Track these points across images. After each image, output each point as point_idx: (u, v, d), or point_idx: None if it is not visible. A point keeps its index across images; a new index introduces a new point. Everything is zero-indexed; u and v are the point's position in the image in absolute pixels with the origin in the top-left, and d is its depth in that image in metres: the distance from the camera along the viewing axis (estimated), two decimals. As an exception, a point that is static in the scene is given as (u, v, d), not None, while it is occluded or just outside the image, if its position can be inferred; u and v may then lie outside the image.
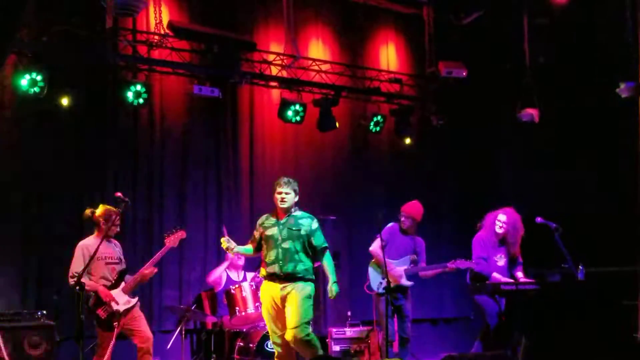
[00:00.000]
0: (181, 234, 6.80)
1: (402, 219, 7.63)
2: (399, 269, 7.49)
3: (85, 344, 5.92)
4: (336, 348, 8.16)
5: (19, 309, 6.92)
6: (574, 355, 6.51)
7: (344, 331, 8.26)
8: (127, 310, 6.32)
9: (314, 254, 6.19)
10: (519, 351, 6.84)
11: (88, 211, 6.47)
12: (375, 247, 7.43)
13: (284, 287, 6.04)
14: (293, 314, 5.97)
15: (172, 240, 6.73)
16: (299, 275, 6.05)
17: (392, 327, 7.37)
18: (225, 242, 6.12)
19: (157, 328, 7.94)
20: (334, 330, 8.28)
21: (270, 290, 6.12)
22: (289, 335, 5.98)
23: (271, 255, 6.09)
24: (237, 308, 7.32)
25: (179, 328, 7.42)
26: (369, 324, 8.28)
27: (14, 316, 6.50)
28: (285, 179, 6.17)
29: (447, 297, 9.92)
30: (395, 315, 7.54)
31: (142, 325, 6.41)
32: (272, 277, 6.11)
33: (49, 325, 6.51)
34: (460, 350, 7.77)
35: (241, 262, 7.98)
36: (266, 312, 6.18)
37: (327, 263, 6.21)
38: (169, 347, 7.54)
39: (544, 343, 6.75)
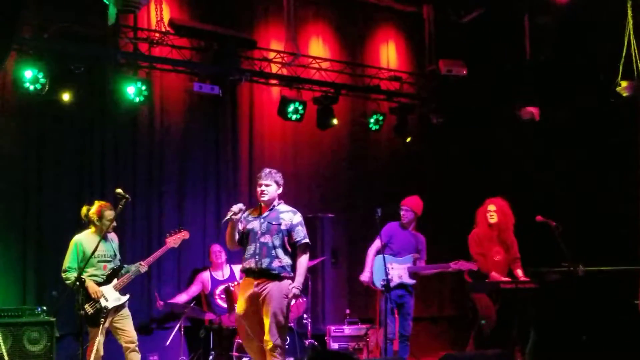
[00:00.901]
0: (184, 235, 6.82)
1: (403, 212, 7.59)
2: (401, 266, 7.47)
3: (85, 340, 5.94)
4: (335, 346, 8.17)
5: (19, 305, 6.95)
6: (573, 355, 6.52)
7: (343, 329, 8.27)
8: (116, 308, 6.32)
9: (294, 250, 5.88)
10: (515, 350, 6.85)
11: (84, 209, 6.49)
12: (371, 248, 7.43)
13: (258, 284, 5.77)
14: (267, 322, 5.70)
15: (173, 241, 6.74)
16: (274, 272, 5.75)
17: (393, 325, 7.36)
18: (237, 208, 5.77)
19: (155, 325, 7.95)
20: (333, 328, 8.29)
21: (246, 287, 5.86)
22: (266, 345, 5.71)
23: (249, 250, 5.83)
24: (235, 305, 7.31)
25: (177, 325, 7.43)
26: (367, 321, 8.29)
27: (14, 312, 6.51)
28: (267, 171, 5.90)
29: (447, 295, 9.93)
30: (397, 313, 7.53)
31: (127, 325, 6.40)
32: (248, 272, 5.86)
33: (49, 322, 6.52)
34: (460, 349, 7.78)
35: (221, 260, 7.98)
36: (241, 310, 5.87)
37: (301, 263, 5.83)
38: (167, 343, 7.55)
39: (543, 343, 6.76)
